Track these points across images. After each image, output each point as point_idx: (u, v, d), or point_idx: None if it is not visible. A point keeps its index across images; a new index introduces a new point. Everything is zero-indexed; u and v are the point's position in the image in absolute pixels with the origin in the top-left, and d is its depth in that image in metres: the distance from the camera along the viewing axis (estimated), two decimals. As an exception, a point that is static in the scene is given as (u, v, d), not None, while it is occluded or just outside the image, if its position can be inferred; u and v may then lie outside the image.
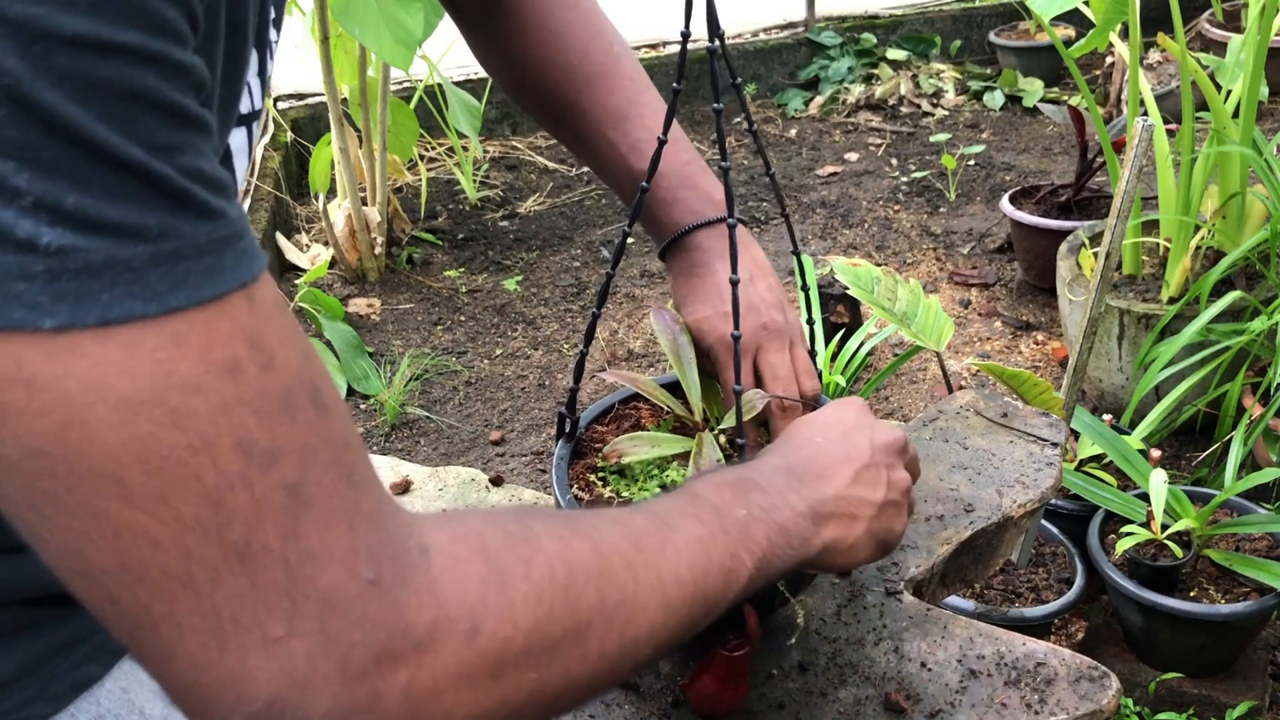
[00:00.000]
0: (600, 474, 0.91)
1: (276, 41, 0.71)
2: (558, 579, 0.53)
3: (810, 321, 1.00)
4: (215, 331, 0.44)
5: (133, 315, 0.42)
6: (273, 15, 0.68)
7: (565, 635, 0.53)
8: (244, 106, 0.66)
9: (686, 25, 0.80)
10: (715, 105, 0.82)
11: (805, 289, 0.96)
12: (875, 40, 4.64)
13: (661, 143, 0.86)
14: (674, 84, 0.83)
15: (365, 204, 3.33)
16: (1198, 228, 2.37)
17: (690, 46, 0.81)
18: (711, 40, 0.80)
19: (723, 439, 0.90)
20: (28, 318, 0.40)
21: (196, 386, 0.43)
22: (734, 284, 0.82)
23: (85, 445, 0.41)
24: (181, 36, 0.44)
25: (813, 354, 0.99)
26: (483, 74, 4.23)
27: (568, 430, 0.95)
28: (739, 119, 4.32)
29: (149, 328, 0.42)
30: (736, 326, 0.82)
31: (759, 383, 0.91)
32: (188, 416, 0.43)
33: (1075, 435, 2.00)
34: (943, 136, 4.04)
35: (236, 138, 0.67)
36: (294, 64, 3.43)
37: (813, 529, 0.70)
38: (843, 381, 2.19)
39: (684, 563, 0.60)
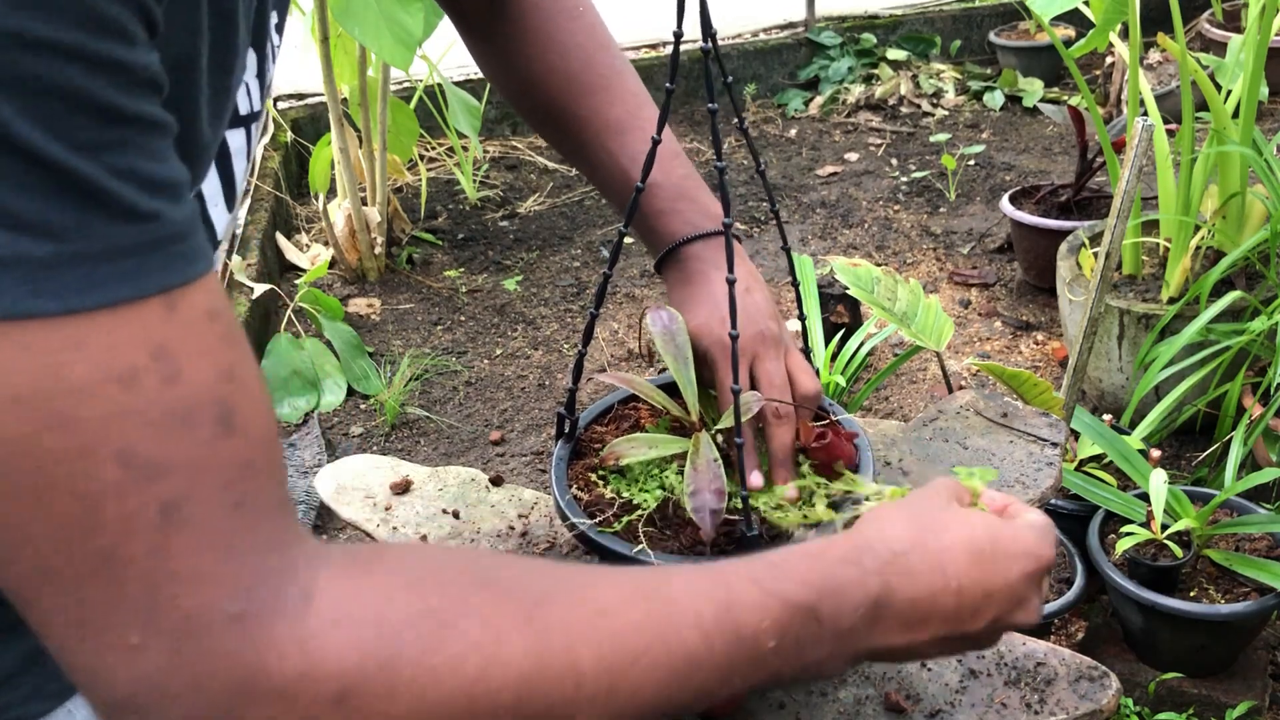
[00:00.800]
0: (600, 474, 0.91)
1: (278, 45, 0.70)
2: (465, 676, 0.48)
3: (803, 318, 1.00)
4: (117, 337, 0.43)
5: (32, 312, 0.41)
6: (274, 20, 0.67)
7: None
8: (243, 107, 0.65)
9: (679, 25, 0.80)
10: (710, 105, 0.82)
11: (797, 285, 0.96)
12: (875, 40, 4.64)
13: (655, 142, 0.86)
14: (667, 84, 0.83)
15: (365, 204, 3.33)
16: (1198, 228, 2.37)
17: (687, 47, 0.81)
18: (705, 40, 0.80)
19: (719, 439, 0.90)
20: None
21: (86, 391, 0.43)
22: (730, 284, 0.82)
23: None
24: (127, 35, 0.44)
25: (808, 353, 0.99)
26: (482, 74, 4.24)
27: (567, 431, 0.95)
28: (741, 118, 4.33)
29: (49, 327, 0.42)
30: (734, 327, 0.82)
31: (754, 390, 0.91)
32: (72, 421, 0.43)
33: (1075, 435, 2.00)
34: (943, 136, 4.04)
35: (235, 138, 0.66)
36: (294, 64, 3.43)
37: (840, 669, 0.62)
38: (843, 381, 2.19)
39: (653, 682, 0.53)
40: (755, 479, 0.83)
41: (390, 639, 0.48)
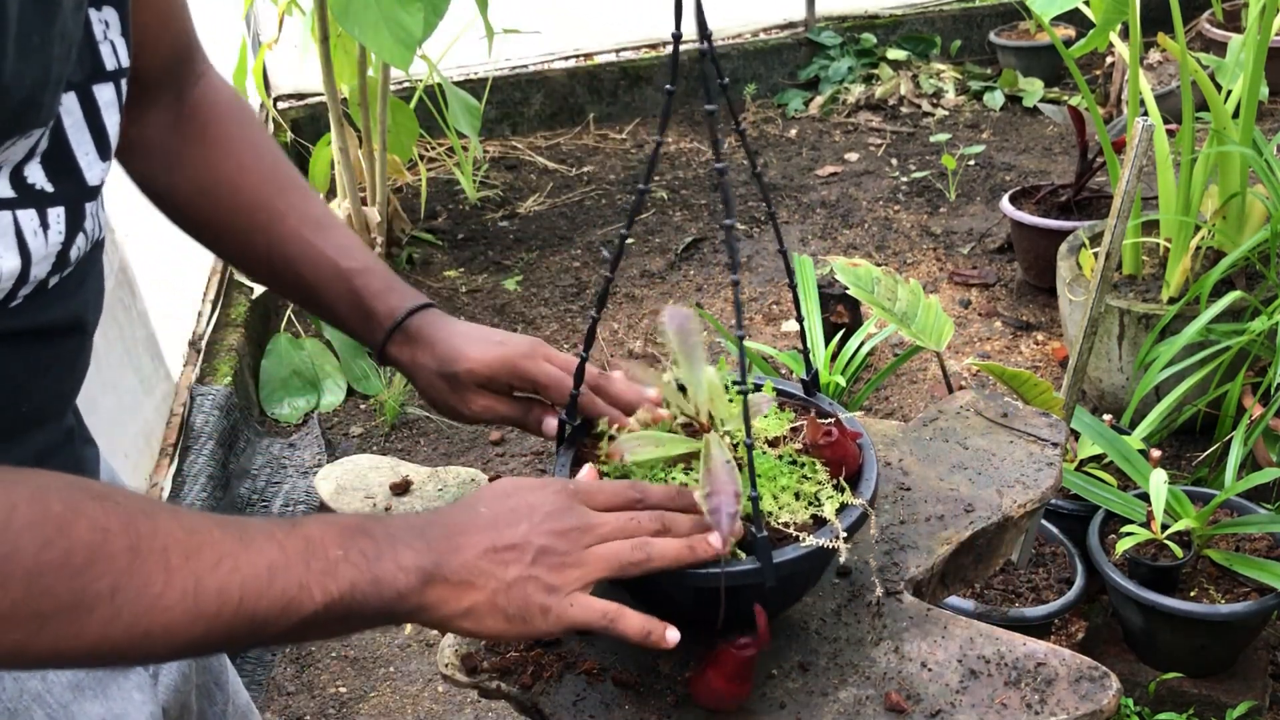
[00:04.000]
0: (604, 478, 0.90)
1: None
2: (71, 564, 0.58)
3: (803, 318, 1.00)
4: None
5: None
6: None
7: (59, 612, 0.58)
8: (109, 64, 0.70)
9: (677, 26, 0.80)
10: (708, 106, 0.82)
11: (794, 286, 0.96)
12: (875, 40, 4.64)
13: (658, 144, 0.86)
14: (667, 85, 0.83)
15: (365, 204, 3.33)
16: (1198, 228, 2.37)
17: (685, 47, 0.81)
18: (702, 41, 0.80)
19: (727, 440, 0.90)
20: None
21: None
22: (735, 285, 0.82)
23: None
24: None
25: (807, 353, 0.99)
26: (483, 74, 4.24)
27: (568, 435, 0.95)
28: (740, 119, 4.33)
29: None
30: (741, 326, 0.82)
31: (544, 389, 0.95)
32: None
33: (1075, 435, 2.00)
34: (943, 136, 4.04)
35: (104, 92, 0.70)
36: (294, 64, 3.43)
37: (416, 585, 0.71)
38: (843, 381, 2.19)
39: (238, 580, 0.64)
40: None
41: (11, 537, 0.56)
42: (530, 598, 0.75)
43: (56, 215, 0.67)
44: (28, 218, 0.64)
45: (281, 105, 4.11)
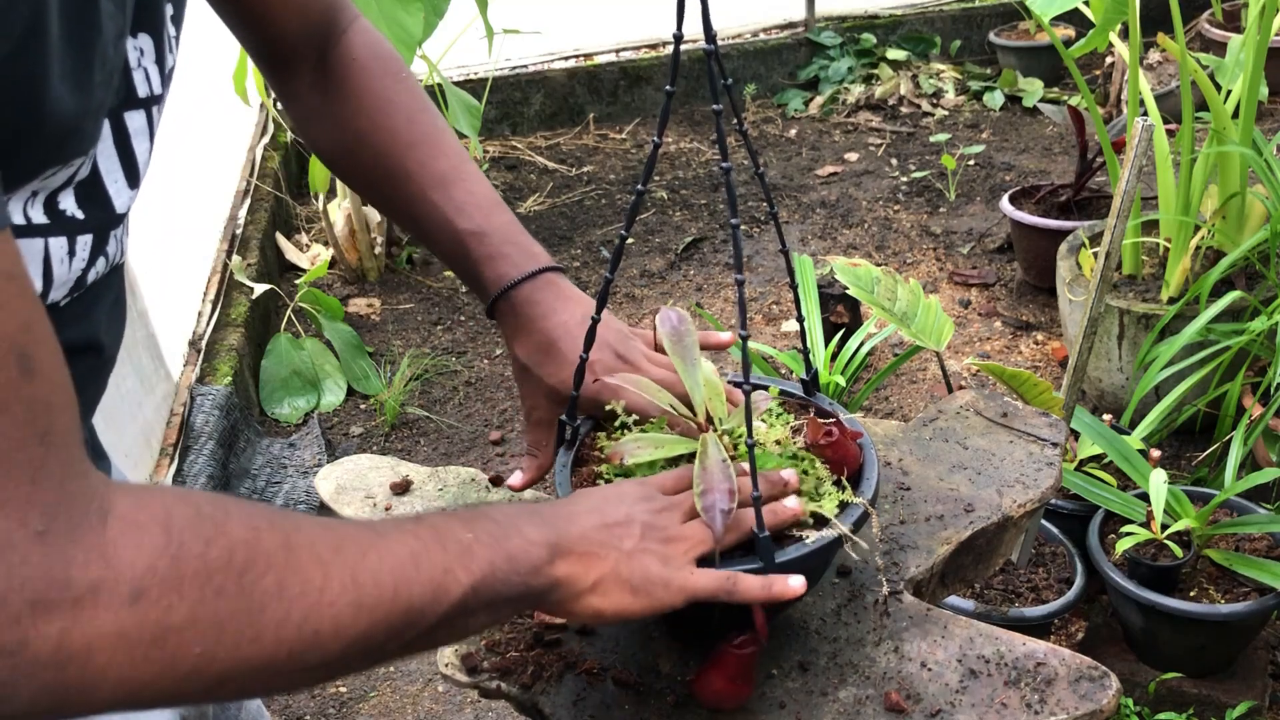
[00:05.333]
0: (606, 479, 0.90)
1: (176, 37, 0.73)
2: (235, 561, 0.56)
3: (803, 318, 1.00)
4: None
5: None
6: (170, 12, 0.71)
7: (234, 615, 0.55)
8: (141, 90, 0.69)
9: (679, 27, 0.80)
10: (714, 106, 0.81)
11: (795, 286, 0.96)
12: (875, 40, 4.64)
13: (656, 145, 0.86)
14: (667, 86, 0.83)
15: (365, 204, 3.33)
16: (1198, 228, 2.37)
17: (686, 47, 0.81)
18: (708, 42, 0.80)
19: (726, 440, 0.90)
20: None
21: None
22: (740, 284, 0.82)
23: None
24: None
25: (807, 353, 0.99)
26: (483, 74, 4.24)
27: (569, 437, 0.95)
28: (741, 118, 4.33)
29: None
30: (744, 326, 0.82)
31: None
32: None
33: (1075, 435, 2.00)
34: (943, 136, 4.04)
35: (134, 120, 0.69)
36: (294, 64, 3.42)
37: (547, 558, 0.71)
38: (842, 381, 2.19)
39: (387, 568, 0.63)
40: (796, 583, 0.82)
41: (176, 538, 0.54)
42: (650, 569, 0.75)
43: (84, 243, 0.67)
44: (58, 245, 0.64)
45: (281, 105, 4.11)
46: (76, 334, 0.71)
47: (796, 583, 0.78)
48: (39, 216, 0.63)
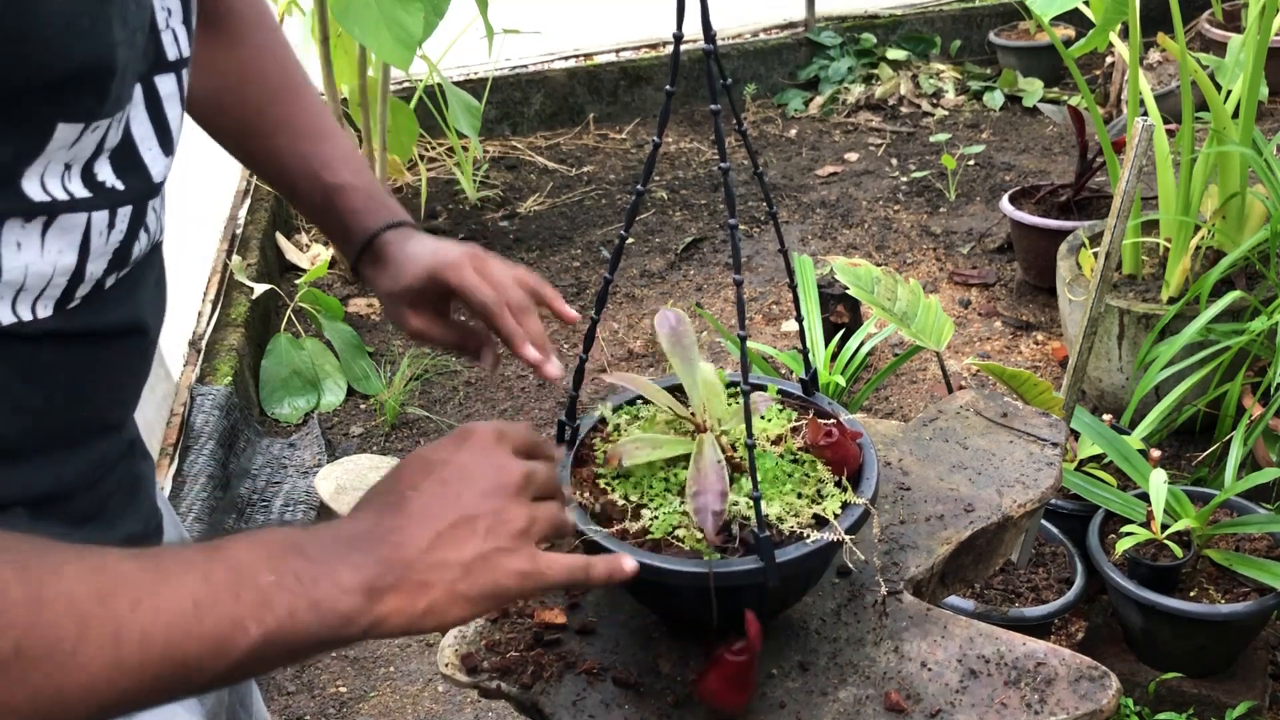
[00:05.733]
0: (607, 481, 0.90)
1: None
2: None
3: (803, 318, 1.00)
4: None
5: None
6: None
7: None
8: (171, 53, 0.67)
9: (679, 27, 0.80)
10: (713, 106, 0.82)
11: (795, 286, 0.96)
12: (875, 40, 4.64)
13: (656, 145, 0.86)
14: (667, 86, 0.83)
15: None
16: (1198, 228, 2.37)
17: (687, 47, 0.81)
18: (707, 42, 0.80)
19: (724, 440, 0.90)
20: None
21: None
22: (738, 285, 0.82)
23: None
24: None
25: (807, 353, 0.99)
26: (483, 74, 4.24)
27: (568, 437, 0.95)
28: (741, 118, 4.33)
29: None
30: (743, 326, 0.82)
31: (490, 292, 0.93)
32: None
33: (1075, 435, 2.00)
34: (943, 136, 4.04)
35: (166, 84, 0.67)
36: (294, 64, 3.42)
37: (364, 605, 0.64)
38: (842, 381, 2.19)
39: (161, 622, 0.56)
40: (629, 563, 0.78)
41: None
42: (497, 575, 0.68)
43: (124, 215, 0.65)
44: (100, 218, 0.63)
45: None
46: (123, 315, 0.69)
47: (630, 565, 0.75)
48: (80, 190, 0.62)
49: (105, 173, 0.63)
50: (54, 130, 0.58)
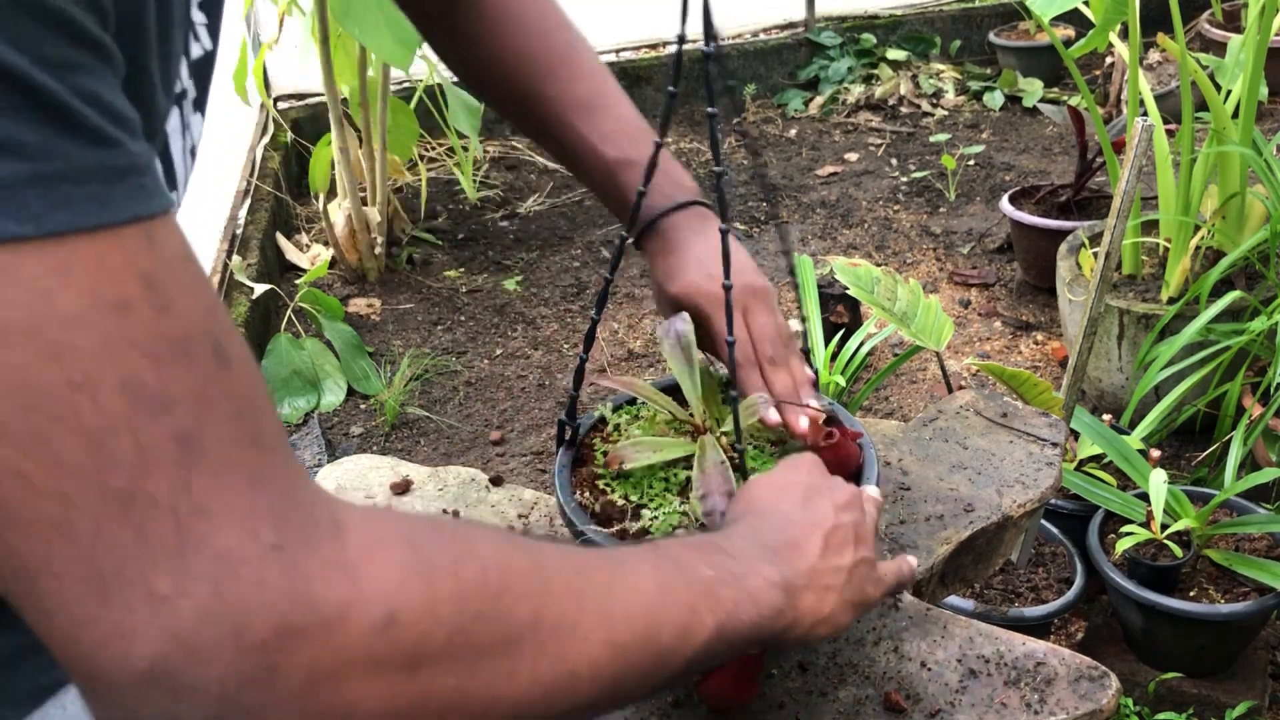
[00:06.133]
0: (607, 482, 0.90)
1: (205, 25, 0.71)
2: (490, 584, 0.49)
3: (803, 318, 1.00)
4: (106, 265, 0.41)
5: (7, 235, 0.38)
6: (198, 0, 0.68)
7: (493, 645, 0.48)
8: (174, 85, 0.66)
9: (682, 28, 0.80)
10: (710, 109, 0.82)
11: (797, 288, 0.96)
12: (875, 40, 4.64)
13: (658, 146, 0.86)
14: (669, 86, 0.83)
15: (365, 204, 3.33)
16: (1198, 228, 2.37)
17: (687, 47, 0.81)
18: (708, 44, 0.80)
19: (724, 441, 0.90)
20: None
21: (79, 320, 0.40)
22: (727, 290, 0.83)
23: None
24: None
25: (808, 353, 0.99)
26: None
27: (568, 437, 0.95)
28: (740, 118, 4.33)
29: (28, 251, 0.39)
30: (731, 333, 0.82)
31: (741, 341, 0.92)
32: (68, 351, 0.39)
33: (1075, 435, 2.00)
34: (943, 136, 4.04)
35: (172, 119, 0.66)
36: (294, 64, 3.42)
37: (786, 601, 0.67)
38: (842, 381, 2.19)
39: (636, 603, 0.55)
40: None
41: (423, 554, 0.47)
42: (865, 576, 0.73)
43: None
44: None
45: (282, 105, 4.11)
46: None
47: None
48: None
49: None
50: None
